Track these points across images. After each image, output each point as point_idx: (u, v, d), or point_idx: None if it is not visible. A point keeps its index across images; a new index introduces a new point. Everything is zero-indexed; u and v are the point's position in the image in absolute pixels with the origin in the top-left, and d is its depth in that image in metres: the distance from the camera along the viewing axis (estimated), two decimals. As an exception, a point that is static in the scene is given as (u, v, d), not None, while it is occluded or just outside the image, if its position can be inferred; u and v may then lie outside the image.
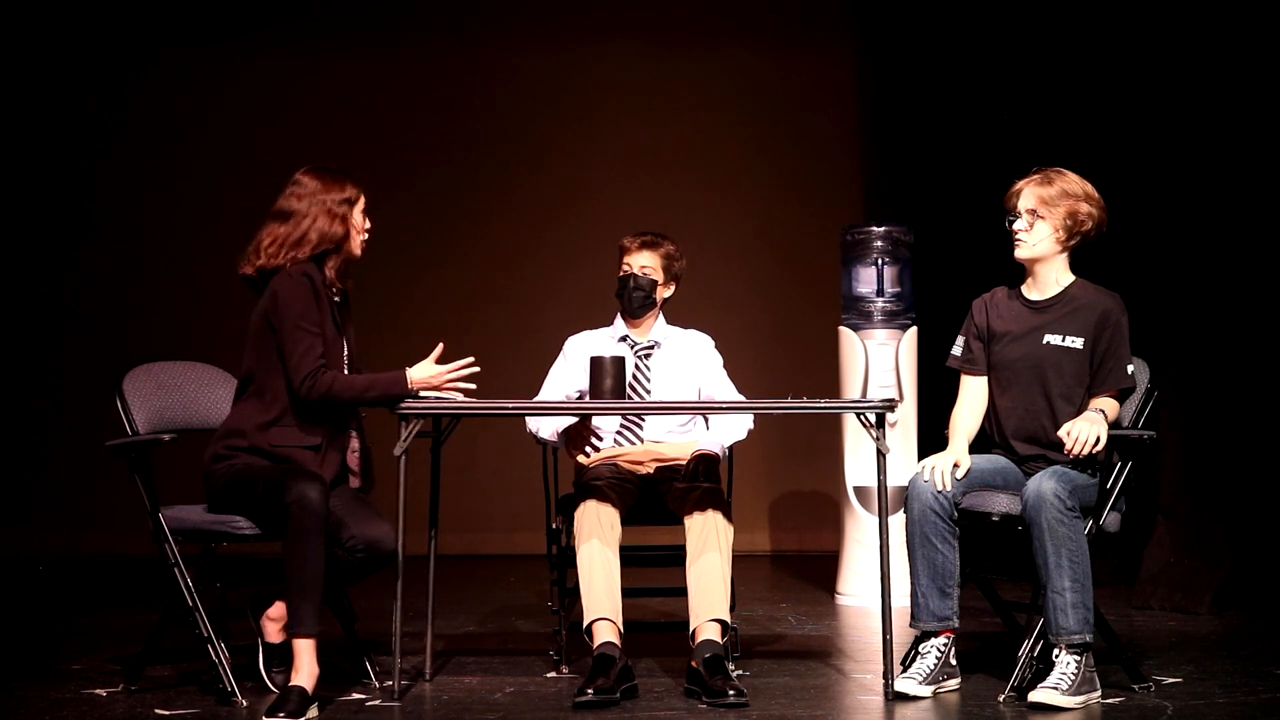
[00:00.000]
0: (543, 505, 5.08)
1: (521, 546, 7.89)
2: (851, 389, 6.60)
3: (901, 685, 4.54)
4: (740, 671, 4.85)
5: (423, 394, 4.55)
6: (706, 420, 5.17)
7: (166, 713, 4.35)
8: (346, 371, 4.61)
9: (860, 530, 6.58)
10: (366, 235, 4.68)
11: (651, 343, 5.23)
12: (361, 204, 4.66)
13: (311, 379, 4.45)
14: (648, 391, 5.15)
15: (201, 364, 4.96)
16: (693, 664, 4.62)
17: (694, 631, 4.65)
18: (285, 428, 4.50)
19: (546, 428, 5.06)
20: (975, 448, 4.76)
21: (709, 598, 4.65)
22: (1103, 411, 4.56)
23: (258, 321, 4.55)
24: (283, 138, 8.34)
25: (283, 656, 4.49)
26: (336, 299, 4.63)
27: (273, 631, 4.54)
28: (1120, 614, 5.94)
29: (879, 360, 6.57)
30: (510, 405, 4.84)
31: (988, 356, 4.79)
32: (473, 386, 4.63)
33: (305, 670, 4.30)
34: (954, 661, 4.63)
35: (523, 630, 5.89)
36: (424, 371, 4.55)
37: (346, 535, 4.38)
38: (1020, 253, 4.72)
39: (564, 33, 8.58)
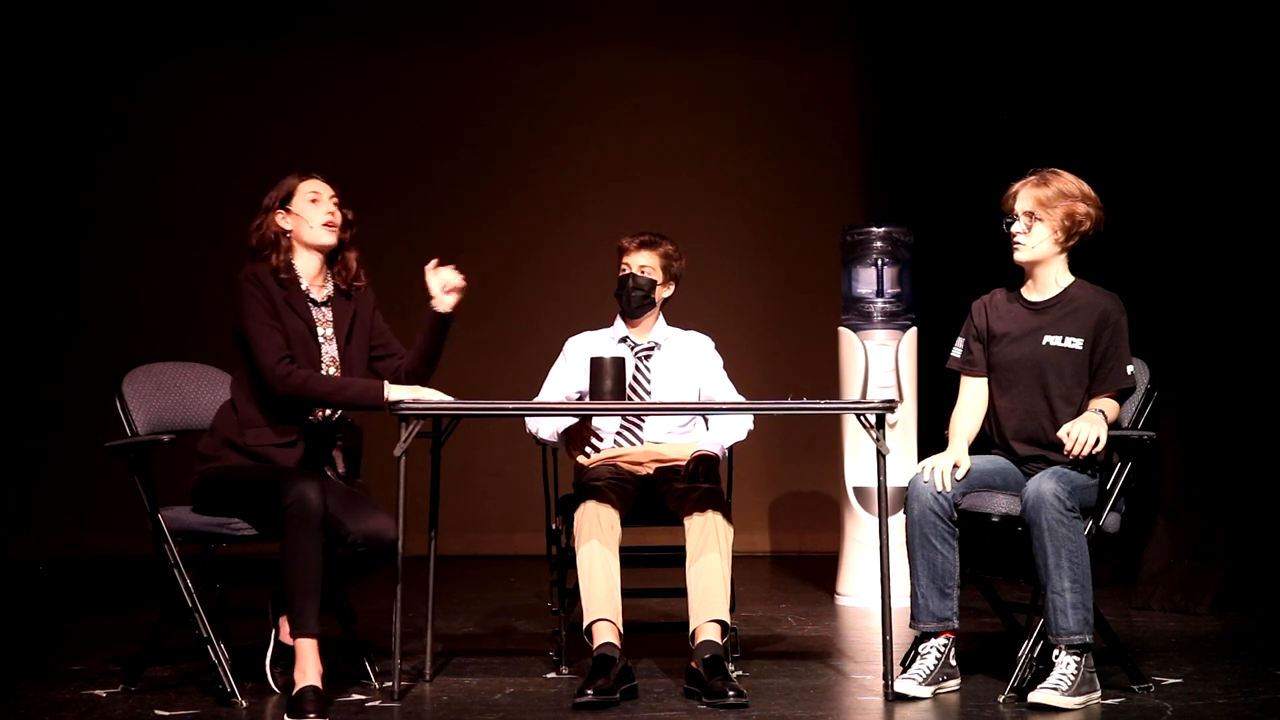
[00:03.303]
0: (543, 506, 5.08)
1: (521, 547, 7.89)
2: (851, 390, 6.60)
3: (901, 686, 4.54)
4: (740, 672, 4.85)
5: (404, 402, 4.53)
6: (706, 421, 5.17)
7: (166, 713, 4.35)
8: (335, 372, 4.61)
9: (860, 531, 6.58)
10: (329, 218, 4.63)
11: (651, 343, 5.23)
12: (306, 193, 4.64)
13: (284, 367, 4.45)
14: (648, 392, 5.15)
15: (201, 364, 4.96)
16: (692, 664, 4.62)
17: (694, 632, 4.65)
18: (259, 428, 4.52)
19: (546, 428, 5.06)
20: (975, 448, 4.76)
21: (709, 598, 4.65)
22: (1102, 412, 4.56)
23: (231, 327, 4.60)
24: (284, 139, 8.34)
25: (288, 657, 4.49)
26: (319, 298, 4.64)
27: (288, 631, 4.53)
28: (1120, 614, 5.94)
29: (879, 361, 6.57)
30: (510, 406, 4.84)
31: (987, 358, 4.79)
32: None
33: (312, 669, 4.29)
34: (954, 662, 4.63)
35: (523, 631, 5.89)
36: (405, 393, 4.54)
37: (345, 532, 4.39)
38: (1019, 256, 4.72)
39: (564, 34, 8.59)
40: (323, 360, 4.61)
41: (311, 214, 4.63)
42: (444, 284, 4.75)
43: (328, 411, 4.60)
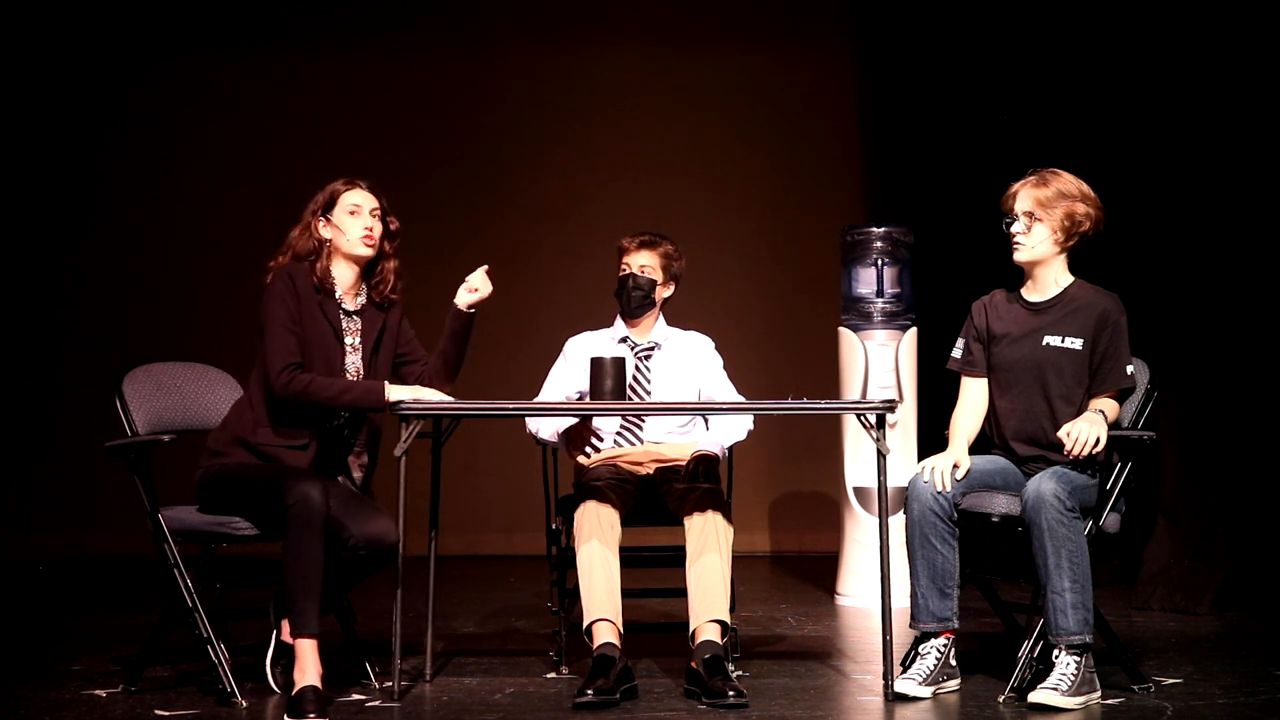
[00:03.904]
0: (543, 506, 5.08)
1: (521, 547, 7.89)
2: (851, 390, 6.60)
3: (901, 686, 4.54)
4: (740, 672, 4.85)
5: (404, 403, 4.53)
6: (706, 421, 5.17)
7: (166, 713, 4.35)
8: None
9: (860, 531, 6.58)
10: (367, 232, 4.67)
11: (652, 344, 5.23)
12: (347, 203, 4.65)
13: (287, 374, 4.47)
14: (648, 392, 5.15)
15: (201, 364, 4.96)
16: (692, 664, 4.62)
17: (694, 632, 4.65)
18: (272, 427, 4.52)
19: (546, 428, 5.06)
20: (975, 449, 4.76)
21: (709, 598, 4.65)
22: (1102, 412, 4.56)
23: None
24: (284, 139, 8.34)
25: (288, 657, 4.48)
26: (351, 308, 4.65)
27: (289, 631, 4.52)
28: (1120, 614, 5.94)
29: (879, 361, 6.57)
30: (510, 406, 4.84)
31: (987, 358, 4.79)
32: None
33: (312, 669, 4.29)
34: (954, 662, 4.63)
35: (523, 631, 5.89)
36: (405, 393, 4.55)
37: (347, 535, 4.39)
38: (1019, 256, 4.72)
39: (564, 34, 8.59)
40: (347, 370, 4.62)
41: (350, 226, 4.65)
42: (469, 285, 4.79)
43: (345, 415, 4.61)
